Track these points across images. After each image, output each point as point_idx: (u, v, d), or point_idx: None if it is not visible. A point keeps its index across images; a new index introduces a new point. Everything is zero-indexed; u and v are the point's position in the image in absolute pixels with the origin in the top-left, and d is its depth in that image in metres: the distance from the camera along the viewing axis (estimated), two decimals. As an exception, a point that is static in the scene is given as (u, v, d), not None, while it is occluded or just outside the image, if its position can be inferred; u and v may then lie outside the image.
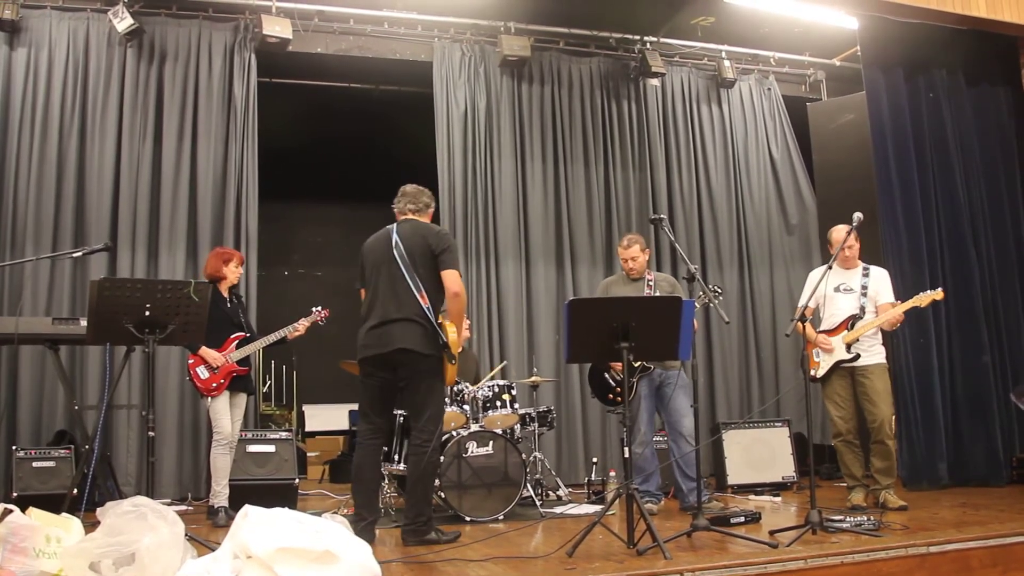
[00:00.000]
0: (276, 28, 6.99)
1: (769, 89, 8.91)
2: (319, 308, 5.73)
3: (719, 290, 5.40)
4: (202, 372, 5.32)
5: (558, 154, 8.02)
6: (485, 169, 7.73)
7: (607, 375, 5.54)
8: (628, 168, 8.21)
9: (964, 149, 6.88)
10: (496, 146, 7.81)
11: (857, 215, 4.81)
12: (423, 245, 4.44)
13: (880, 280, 5.51)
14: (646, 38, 8.24)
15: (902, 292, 5.74)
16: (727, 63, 8.57)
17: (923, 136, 6.78)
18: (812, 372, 5.47)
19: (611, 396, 5.57)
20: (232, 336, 5.45)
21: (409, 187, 4.76)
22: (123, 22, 6.66)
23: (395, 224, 4.61)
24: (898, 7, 6.24)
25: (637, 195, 8.19)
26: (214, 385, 5.31)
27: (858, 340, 5.35)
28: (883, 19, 6.59)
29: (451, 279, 4.41)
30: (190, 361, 5.36)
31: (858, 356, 5.35)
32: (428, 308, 4.35)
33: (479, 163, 7.72)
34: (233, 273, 5.57)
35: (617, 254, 5.90)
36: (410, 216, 4.65)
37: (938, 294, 5.24)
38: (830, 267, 4.95)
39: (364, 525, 4.23)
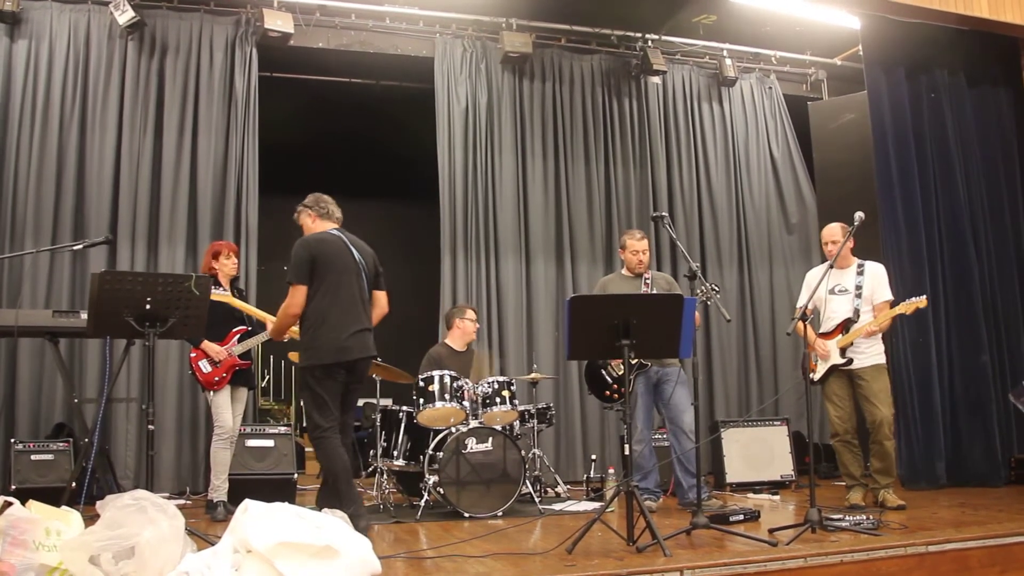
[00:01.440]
0: (278, 22, 6.98)
1: (770, 88, 8.91)
2: None
3: (716, 287, 5.40)
4: (204, 366, 5.31)
5: (559, 151, 8.01)
6: (486, 165, 7.72)
7: (603, 371, 5.54)
8: (629, 165, 8.21)
9: (965, 149, 6.88)
10: (497, 142, 7.80)
11: (859, 214, 4.79)
12: (373, 263, 4.68)
13: (875, 277, 5.49)
14: (648, 36, 8.24)
15: (901, 291, 5.75)
16: (728, 61, 8.57)
17: (924, 136, 6.78)
18: (811, 375, 5.47)
19: (608, 393, 5.57)
20: (234, 330, 5.44)
21: (325, 195, 4.81)
22: (124, 15, 6.65)
23: (339, 232, 4.62)
24: (900, 7, 6.24)
25: (638, 192, 8.19)
26: (216, 379, 5.30)
27: (852, 344, 5.35)
28: (885, 19, 6.59)
29: (386, 299, 4.76)
30: (192, 355, 5.35)
31: (851, 361, 5.35)
32: None
33: (480, 159, 7.71)
34: (226, 265, 5.53)
35: (619, 250, 5.88)
36: (339, 226, 4.71)
37: (922, 301, 5.18)
38: (831, 266, 4.95)
39: (352, 514, 4.22)
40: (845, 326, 5.39)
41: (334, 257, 4.48)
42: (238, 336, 5.44)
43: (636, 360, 5.36)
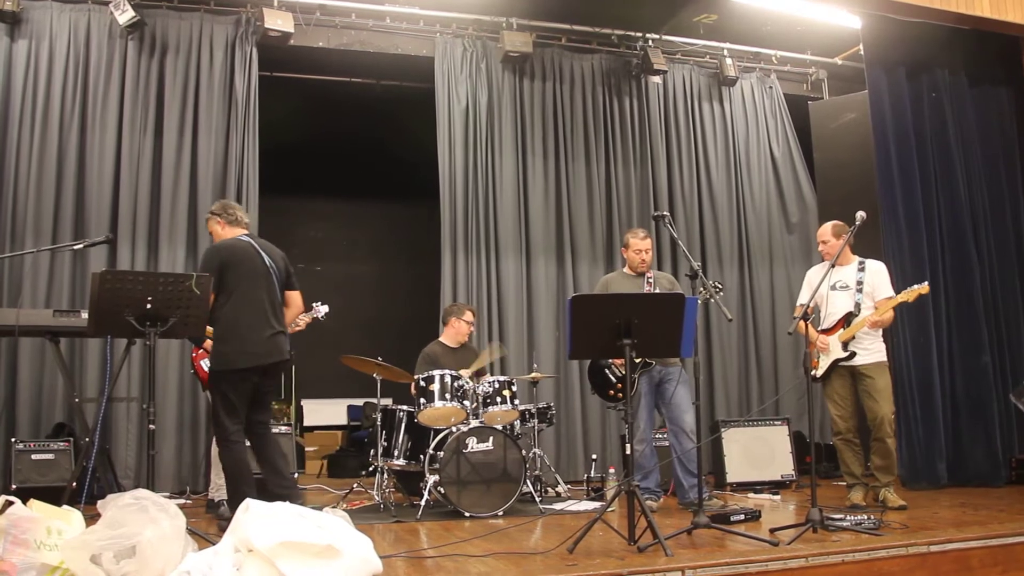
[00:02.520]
0: (278, 22, 6.98)
1: (771, 87, 8.91)
2: (319, 303, 5.72)
3: (720, 286, 5.39)
4: (207, 365, 5.30)
5: (559, 150, 8.01)
6: (486, 165, 7.72)
7: (607, 371, 5.54)
8: (629, 165, 8.21)
9: (966, 149, 6.88)
10: (497, 142, 7.80)
11: (860, 214, 4.78)
12: (284, 265, 4.77)
13: (876, 274, 5.50)
14: (648, 35, 8.24)
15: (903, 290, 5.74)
16: (729, 61, 8.56)
17: (925, 136, 6.78)
18: (813, 372, 5.46)
19: (612, 392, 5.56)
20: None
21: (232, 202, 4.98)
22: (124, 14, 6.65)
23: (248, 238, 4.71)
24: (901, 6, 6.23)
25: (638, 192, 8.19)
26: (218, 378, 5.28)
27: (854, 338, 5.35)
28: (886, 18, 6.58)
29: (300, 299, 4.91)
30: (194, 354, 5.34)
31: (853, 354, 5.35)
32: None
33: (480, 159, 7.71)
34: None
35: (622, 248, 5.87)
36: (247, 231, 4.80)
37: (923, 288, 5.19)
38: (833, 265, 4.95)
39: None
40: (846, 320, 5.39)
41: (243, 262, 4.57)
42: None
43: (641, 360, 5.37)
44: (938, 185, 6.74)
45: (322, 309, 5.71)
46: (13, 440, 5.80)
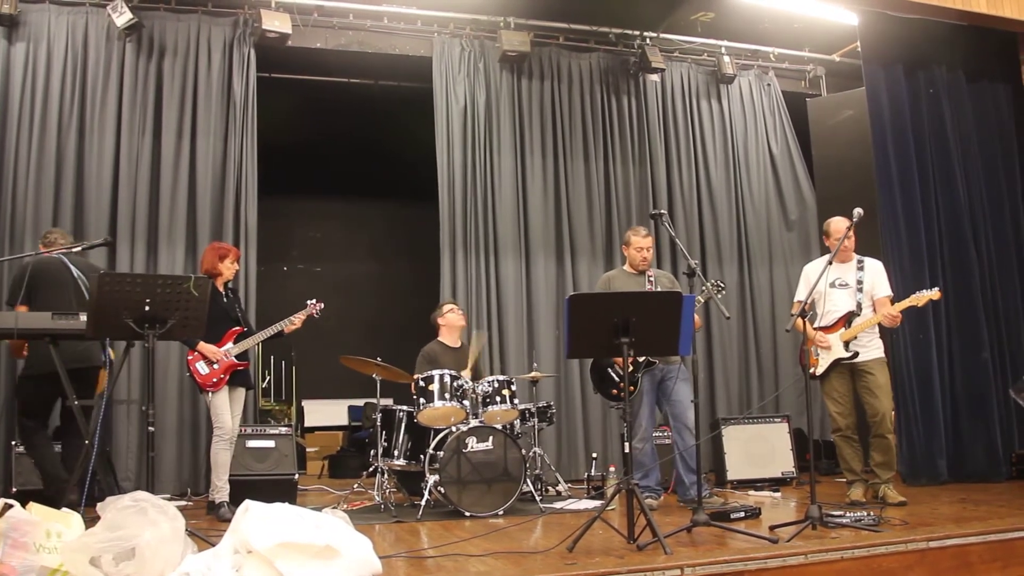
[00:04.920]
0: (275, 23, 6.98)
1: (769, 85, 8.90)
2: (313, 301, 5.72)
3: (722, 285, 5.39)
4: (201, 367, 5.31)
5: (558, 149, 8.01)
6: (485, 164, 7.72)
7: (610, 370, 5.53)
8: (628, 163, 8.21)
9: (964, 145, 6.87)
10: (496, 141, 7.80)
11: (857, 210, 4.80)
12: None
13: (875, 273, 5.50)
14: (646, 34, 8.24)
15: (901, 288, 5.75)
16: (727, 59, 8.56)
17: (923, 132, 6.78)
18: (812, 370, 5.46)
19: (615, 391, 5.55)
20: (230, 330, 5.44)
21: (53, 228, 5.72)
22: (122, 16, 6.65)
23: (60, 254, 5.14)
24: (899, 3, 6.24)
25: (637, 190, 8.19)
26: (214, 380, 5.30)
27: (856, 338, 5.35)
28: (883, 15, 6.59)
29: None
30: (189, 357, 5.35)
31: (856, 354, 5.35)
32: None
33: (479, 158, 7.71)
34: (228, 269, 5.55)
35: (623, 247, 5.86)
36: (63, 249, 5.21)
37: (935, 294, 5.20)
38: (831, 262, 4.95)
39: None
40: (847, 319, 5.39)
41: (48, 275, 4.98)
42: (234, 337, 5.44)
43: (644, 358, 5.37)
44: (936, 181, 6.74)
45: (317, 306, 5.70)
46: (13, 443, 5.79)
